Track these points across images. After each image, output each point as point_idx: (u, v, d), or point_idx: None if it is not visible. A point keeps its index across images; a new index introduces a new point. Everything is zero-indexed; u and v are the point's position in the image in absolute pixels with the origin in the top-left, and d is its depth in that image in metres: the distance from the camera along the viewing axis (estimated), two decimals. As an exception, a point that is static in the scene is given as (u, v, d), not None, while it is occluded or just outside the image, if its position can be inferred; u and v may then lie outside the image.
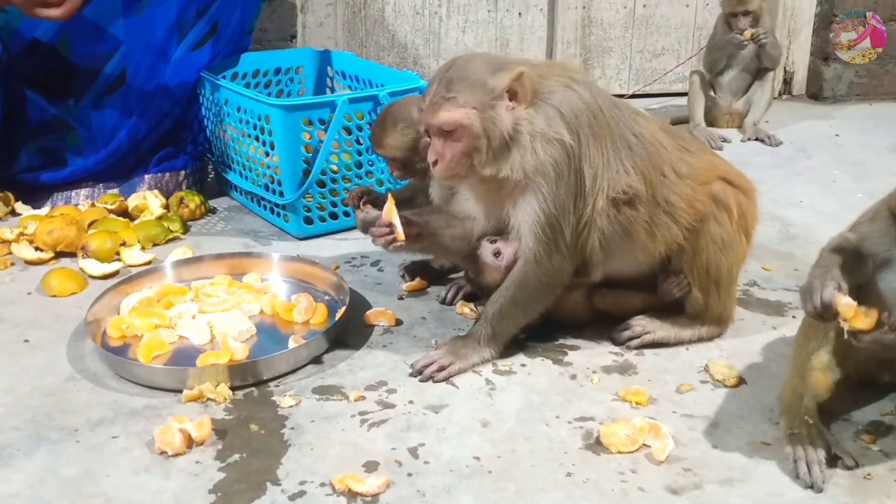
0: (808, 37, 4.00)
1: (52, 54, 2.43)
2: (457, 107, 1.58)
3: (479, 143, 1.60)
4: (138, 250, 2.24)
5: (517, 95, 1.60)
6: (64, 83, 2.47)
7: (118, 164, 2.55)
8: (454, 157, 1.62)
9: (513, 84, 1.59)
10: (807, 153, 3.28)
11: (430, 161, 1.66)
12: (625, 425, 1.49)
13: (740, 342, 1.85)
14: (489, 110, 1.59)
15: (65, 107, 2.48)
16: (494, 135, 1.60)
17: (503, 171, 1.62)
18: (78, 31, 2.40)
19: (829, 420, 1.55)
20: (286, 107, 2.22)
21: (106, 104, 2.50)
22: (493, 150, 1.61)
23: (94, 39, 2.43)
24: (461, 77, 1.61)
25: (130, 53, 2.47)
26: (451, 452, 1.47)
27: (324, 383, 1.67)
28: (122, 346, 1.79)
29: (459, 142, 1.61)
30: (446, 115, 1.59)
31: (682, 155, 1.78)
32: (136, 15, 2.45)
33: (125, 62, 2.46)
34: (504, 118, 1.60)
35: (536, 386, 1.68)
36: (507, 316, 1.74)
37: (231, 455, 1.45)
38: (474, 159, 1.62)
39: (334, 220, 2.39)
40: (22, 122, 2.50)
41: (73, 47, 2.43)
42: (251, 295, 1.95)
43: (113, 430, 1.53)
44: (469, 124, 1.58)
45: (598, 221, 1.69)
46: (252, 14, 2.66)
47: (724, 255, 1.78)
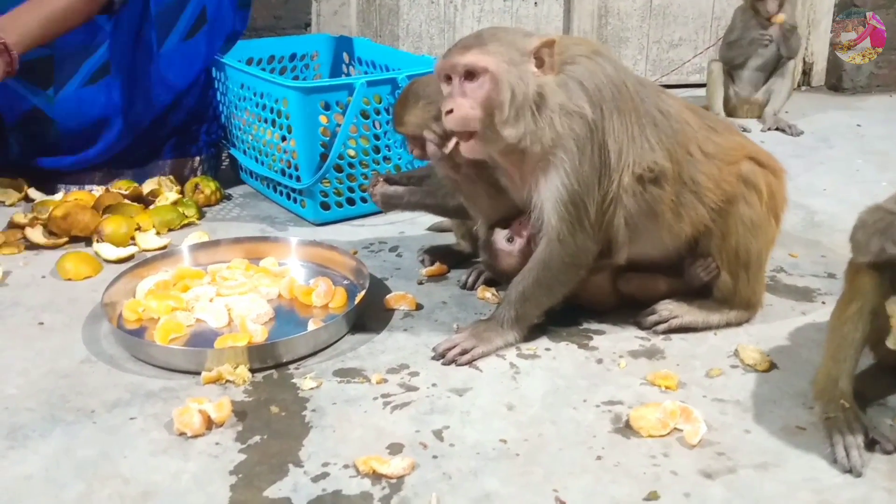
0: (827, 27, 3.96)
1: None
2: (486, 53, 1.53)
3: (502, 94, 1.53)
4: (153, 235, 2.21)
5: (543, 63, 1.56)
6: (45, 72, 2.41)
7: (129, 153, 2.51)
8: (473, 106, 1.54)
9: (542, 49, 1.55)
10: (828, 143, 3.23)
11: (444, 110, 1.57)
12: (655, 409, 1.45)
13: (769, 327, 1.80)
14: (516, 66, 1.54)
15: (44, 97, 2.42)
16: (519, 91, 1.54)
17: (524, 138, 1.56)
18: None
19: (863, 405, 1.50)
20: (303, 89, 2.19)
21: (87, 95, 2.43)
22: (515, 108, 1.54)
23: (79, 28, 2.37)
24: (492, 33, 1.57)
25: (115, 44, 2.41)
26: (476, 435, 1.43)
27: (344, 366, 1.64)
28: (139, 329, 1.76)
29: (481, 90, 1.54)
30: (473, 56, 1.53)
31: (709, 134, 1.74)
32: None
33: (109, 51, 2.42)
34: (529, 80, 1.55)
35: (561, 370, 1.64)
36: (531, 298, 1.69)
37: (251, 437, 1.42)
38: (495, 116, 1.54)
39: (351, 206, 2.35)
40: (4, 112, 2.45)
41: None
42: (269, 279, 1.92)
43: (130, 411, 1.49)
44: (495, 70, 1.53)
45: (624, 199, 1.64)
46: None
47: (753, 238, 1.74)
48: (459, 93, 1.56)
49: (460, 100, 1.55)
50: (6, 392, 1.55)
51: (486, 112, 1.55)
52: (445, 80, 1.60)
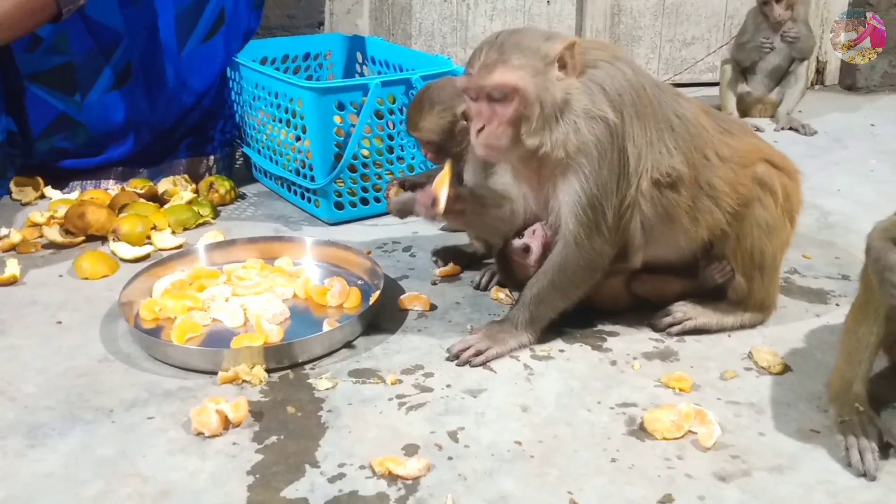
0: (841, 26, 3.93)
1: (53, 50, 2.40)
2: (512, 69, 1.52)
3: (530, 109, 1.54)
4: (169, 234, 2.22)
5: (566, 66, 1.56)
6: (68, 78, 2.44)
7: (146, 152, 2.53)
8: (502, 125, 1.55)
9: (564, 52, 1.54)
10: (842, 143, 3.22)
11: (474, 129, 1.58)
12: (669, 411, 1.46)
13: (783, 329, 1.80)
14: (542, 75, 1.54)
15: (71, 103, 2.45)
16: (546, 101, 1.54)
17: (546, 144, 1.56)
18: (75, 26, 2.37)
19: (878, 408, 1.50)
20: (318, 89, 2.20)
21: (114, 99, 2.47)
22: (543, 118, 1.54)
23: (93, 34, 2.40)
24: (514, 42, 1.55)
25: (133, 46, 2.44)
26: (491, 437, 1.44)
27: (359, 367, 1.65)
28: (155, 329, 1.77)
29: (510, 107, 1.54)
30: (501, 76, 1.52)
31: (725, 137, 1.74)
32: (133, 5, 2.41)
33: (129, 56, 2.44)
34: (555, 86, 1.55)
35: (576, 371, 1.64)
36: (546, 300, 1.70)
37: (268, 437, 1.43)
38: (522, 128, 1.55)
39: (365, 206, 2.36)
40: (32, 120, 2.47)
41: (73, 43, 2.40)
42: (284, 278, 1.93)
43: (148, 410, 1.51)
44: (524, 87, 1.52)
45: (641, 204, 1.65)
46: None
47: (768, 240, 1.74)
48: (488, 111, 1.55)
49: (488, 117, 1.55)
50: (26, 391, 1.57)
51: (515, 127, 1.56)
52: (471, 98, 1.59)
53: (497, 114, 1.55)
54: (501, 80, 1.52)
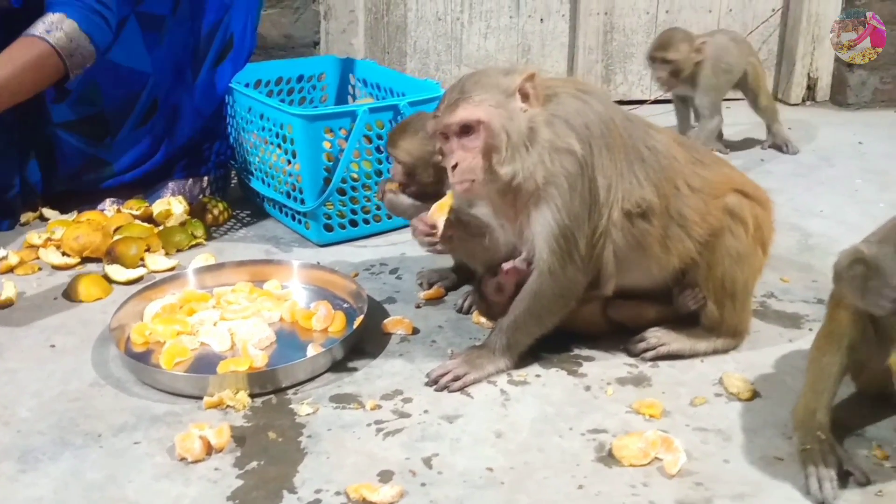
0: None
1: (84, 102, 2.46)
2: (473, 104, 1.60)
3: (498, 139, 1.60)
4: (162, 256, 2.28)
5: (528, 97, 1.62)
6: (100, 127, 2.51)
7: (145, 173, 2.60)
8: (475, 157, 1.62)
9: (524, 84, 1.61)
10: (829, 161, 3.26)
11: (449, 168, 1.64)
12: (637, 438, 1.51)
13: (756, 354, 1.85)
14: (504, 107, 1.61)
15: (101, 146, 2.52)
16: (512, 129, 1.61)
17: (519, 174, 1.62)
18: (106, 76, 2.42)
19: (842, 435, 1.55)
20: (308, 116, 2.25)
21: (141, 134, 2.55)
22: (512, 146, 1.61)
23: (124, 82, 2.46)
24: (474, 81, 1.64)
25: (159, 83, 2.51)
26: (464, 463, 1.49)
27: (341, 391, 1.70)
28: (146, 352, 1.83)
29: (478, 139, 1.61)
30: (464, 112, 1.60)
31: (696, 168, 1.79)
32: (158, 45, 2.48)
33: (155, 93, 2.51)
34: (519, 116, 1.61)
35: (551, 397, 1.69)
36: (522, 327, 1.75)
37: (249, 462, 1.48)
38: (493, 158, 1.61)
39: (354, 228, 2.42)
40: (60, 163, 2.54)
41: (105, 93, 2.46)
42: (271, 302, 1.99)
43: (135, 435, 1.56)
44: (487, 119, 1.59)
45: (613, 233, 1.70)
46: (256, 13, 2.67)
47: (739, 269, 1.78)
48: (459, 147, 1.63)
49: (461, 153, 1.62)
50: (20, 415, 1.63)
51: (486, 158, 1.62)
52: (442, 139, 1.66)
53: (467, 148, 1.62)
54: (465, 114, 1.60)
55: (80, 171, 2.55)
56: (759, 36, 4.02)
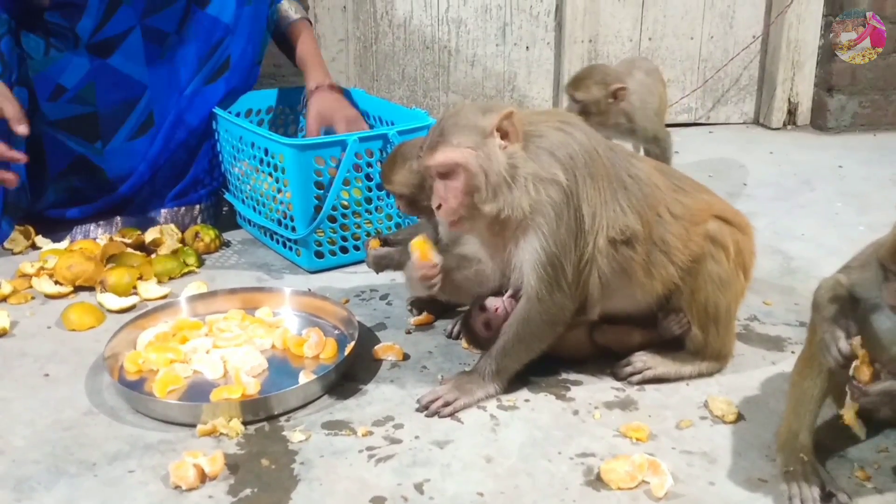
0: (812, 68, 4.06)
1: (78, 101, 2.51)
2: (451, 147, 1.66)
3: (476, 180, 1.66)
4: (155, 284, 2.30)
5: (508, 135, 1.67)
6: (91, 127, 2.55)
7: (136, 198, 2.63)
8: (456, 197, 1.68)
9: (502, 122, 1.66)
10: (810, 185, 3.32)
11: (434, 207, 1.71)
12: (624, 462, 1.54)
13: (740, 377, 1.89)
14: (482, 148, 1.66)
15: (91, 149, 2.56)
16: (491, 169, 1.66)
17: (504, 209, 1.68)
18: (103, 79, 2.49)
19: (825, 457, 1.59)
20: (299, 146, 2.29)
21: (134, 146, 2.58)
22: (491, 186, 1.66)
23: (120, 87, 2.52)
24: (452, 123, 1.69)
25: (156, 97, 2.56)
26: (455, 488, 1.51)
27: (333, 418, 1.73)
28: (139, 381, 1.85)
29: (458, 181, 1.67)
30: (441, 156, 1.66)
31: (677, 195, 1.83)
32: (159, 59, 2.54)
33: (152, 105, 2.55)
34: (498, 155, 1.66)
35: (539, 421, 1.72)
36: (511, 352, 1.79)
37: (243, 489, 1.50)
38: (475, 197, 1.67)
39: (344, 254, 2.45)
40: (50, 162, 2.57)
41: (99, 95, 2.51)
42: (263, 329, 2.01)
43: (129, 464, 1.58)
44: (464, 162, 1.65)
45: (598, 260, 1.74)
46: (260, 46, 2.75)
47: (722, 293, 1.82)
48: (441, 188, 1.69)
49: (443, 194, 1.69)
50: (14, 444, 1.64)
51: (468, 197, 1.67)
52: (428, 177, 1.74)
53: (449, 188, 1.68)
54: (442, 158, 1.66)
55: (70, 172, 2.57)
56: (740, 62, 4.11)
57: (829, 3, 3.96)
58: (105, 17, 2.41)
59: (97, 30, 2.41)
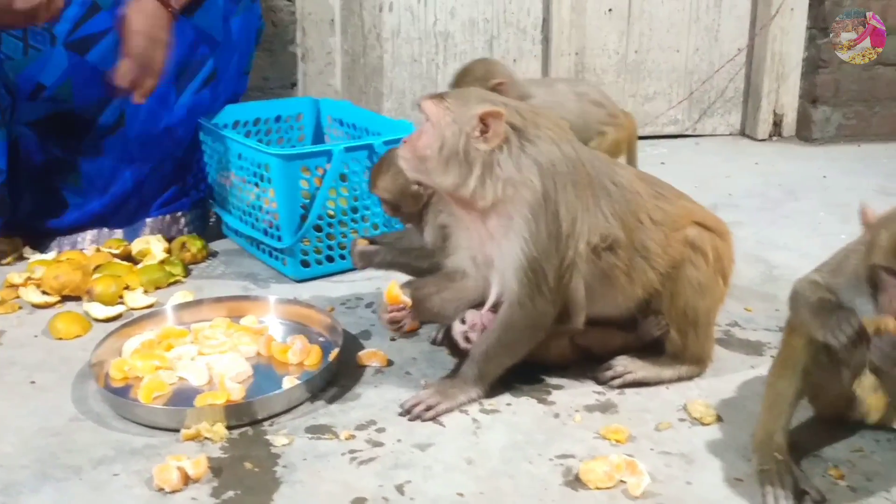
0: (796, 80, 4.11)
1: (56, 99, 2.53)
2: (439, 105, 1.73)
3: (434, 143, 1.71)
4: (141, 294, 2.32)
5: (487, 131, 1.69)
6: (66, 126, 2.57)
7: (122, 208, 2.65)
8: (418, 140, 1.74)
9: (485, 117, 1.68)
10: (794, 195, 3.36)
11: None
12: (603, 462, 1.56)
13: (719, 381, 1.91)
14: (458, 124, 1.70)
15: (66, 147, 2.58)
16: (448, 144, 1.70)
17: (461, 190, 1.72)
18: (80, 76, 2.50)
19: (800, 457, 1.61)
20: (285, 156, 2.32)
21: (104, 147, 2.60)
22: (443, 158, 1.71)
23: (96, 84, 2.53)
24: (464, 90, 1.84)
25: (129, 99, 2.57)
26: (436, 489, 1.53)
27: (316, 423, 1.75)
28: (125, 387, 1.86)
29: (423, 134, 1.74)
30: (427, 105, 1.74)
31: (658, 202, 1.87)
32: None
33: (123, 106, 2.56)
34: (463, 139, 1.69)
35: (521, 425, 1.74)
36: (493, 357, 1.81)
37: (225, 492, 1.52)
38: (427, 161, 1.73)
39: (330, 263, 2.48)
40: (25, 163, 2.59)
41: (76, 93, 2.53)
42: (248, 337, 2.03)
43: (114, 468, 1.60)
44: (435, 120, 1.72)
45: (580, 265, 1.77)
46: (248, 57, 2.77)
47: (701, 298, 1.85)
48: (416, 132, 1.77)
49: (413, 136, 1.77)
50: (2, 450, 1.65)
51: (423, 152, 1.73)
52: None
53: (421, 132, 1.75)
54: (426, 106, 1.74)
55: (45, 174, 2.59)
56: (726, 74, 4.15)
57: (813, 16, 4.01)
58: (82, 20, 2.43)
59: (73, 30, 2.43)
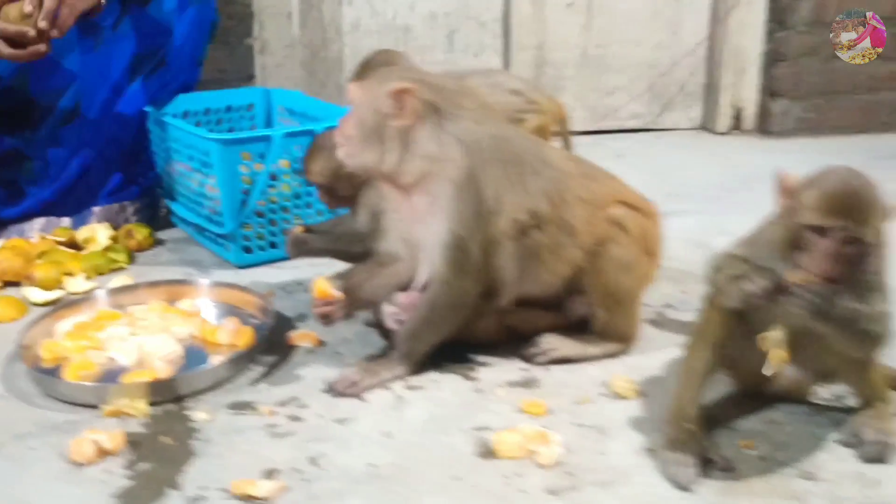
0: (755, 74, 4.14)
1: (13, 89, 2.54)
2: (360, 85, 1.76)
3: (355, 123, 1.75)
4: (82, 280, 2.33)
5: (401, 108, 1.71)
6: (22, 116, 2.59)
7: (69, 196, 2.65)
8: (346, 124, 1.76)
9: (397, 93, 1.70)
10: (748, 186, 3.38)
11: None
12: (515, 433, 1.57)
13: (645, 358, 1.93)
14: (373, 103, 1.72)
15: (21, 138, 2.60)
16: (366, 123, 1.73)
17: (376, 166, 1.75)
18: (36, 66, 2.52)
19: (714, 428, 1.63)
20: (224, 141, 2.33)
21: (61, 136, 2.61)
22: (363, 136, 1.73)
23: (51, 74, 2.55)
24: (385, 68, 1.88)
25: (85, 88, 2.59)
26: (349, 461, 1.55)
27: (239, 399, 1.76)
28: (54, 368, 1.87)
29: (351, 114, 1.77)
30: (352, 85, 1.77)
31: (586, 181, 1.88)
32: (91, 51, 2.57)
33: (79, 96, 2.58)
34: (379, 117, 1.72)
35: (443, 400, 1.76)
36: (419, 335, 1.83)
37: (139, 464, 1.53)
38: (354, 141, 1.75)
39: (273, 249, 2.49)
40: None
41: (32, 82, 2.55)
42: (182, 319, 2.04)
43: (32, 442, 1.61)
44: (355, 102, 1.75)
45: (505, 243, 1.79)
46: (200, 47, 2.79)
47: (625, 276, 1.87)
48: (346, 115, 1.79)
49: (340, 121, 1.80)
50: (-79, 428, 1.67)
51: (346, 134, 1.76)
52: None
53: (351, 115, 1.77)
54: (350, 88, 1.77)
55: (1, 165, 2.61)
56: (686, 68, 4.19)
57: (772, 10, 4.05)
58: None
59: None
